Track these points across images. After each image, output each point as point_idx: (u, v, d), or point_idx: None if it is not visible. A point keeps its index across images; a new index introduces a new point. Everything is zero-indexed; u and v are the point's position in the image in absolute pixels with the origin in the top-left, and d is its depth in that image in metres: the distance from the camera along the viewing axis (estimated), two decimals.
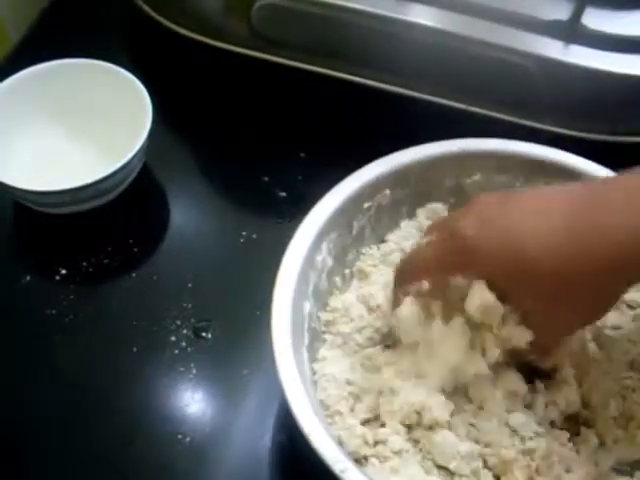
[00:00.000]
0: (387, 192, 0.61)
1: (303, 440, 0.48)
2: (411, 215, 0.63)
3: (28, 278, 0.68)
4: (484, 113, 0.71)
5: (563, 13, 0.67)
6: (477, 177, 0.62)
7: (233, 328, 0.65)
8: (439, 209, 0.63)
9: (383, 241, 0.63)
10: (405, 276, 0.54)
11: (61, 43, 0.82)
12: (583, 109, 0.69)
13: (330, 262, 0.59)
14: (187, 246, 0.70)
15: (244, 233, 0.69)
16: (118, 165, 0.66)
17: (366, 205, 0.60)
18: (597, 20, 0.67)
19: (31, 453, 0.60)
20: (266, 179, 0.73)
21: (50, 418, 0.61)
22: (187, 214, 0.73)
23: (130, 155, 0.66)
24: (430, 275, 0.52)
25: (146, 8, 0.77)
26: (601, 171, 0.60)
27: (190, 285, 0.67)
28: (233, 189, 0.73)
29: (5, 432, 0.61)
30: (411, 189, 0.62)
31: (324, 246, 0.58)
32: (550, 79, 0.68)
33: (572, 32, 0.67)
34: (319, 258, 0.57)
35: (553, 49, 0.67)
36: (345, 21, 0.69)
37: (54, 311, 0.66)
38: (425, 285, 0.52)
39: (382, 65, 0.71)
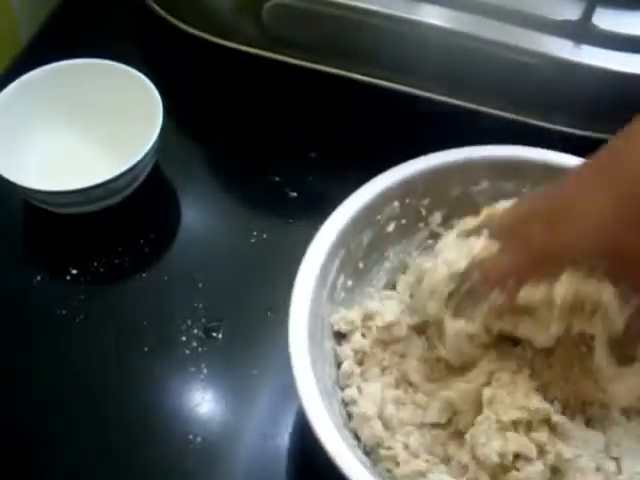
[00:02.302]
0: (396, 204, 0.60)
1: (317, 444, 0.48)
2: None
3: (39, 278, 0.68)
4: (495, 113, 0.71)
5: (574, 13, 0.67)
6: (485, 185, 0.62)
7: (244, 328, 0.65)
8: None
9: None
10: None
11: (71, 43, 0.83)
12: (594, 109, 0.69)
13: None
14: (198, 246, 0.70)
15: (255, 233, 0.69)
16: (129, 165, 0.66)
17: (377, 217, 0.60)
18: (608, 20, 0.67)
19: (41, 453, 0.60)
20: (277, 179, 0.73)
21: (60, 417, 0.61)
22: (198, 214, 0.73)
23: (141, 155, 0.66)
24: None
25: (157, 8, 0.77)
26: None
27: (201, 285, 0.67)
28: (244, 189, 0.73)
29: (16, 432, 0.61)
30: (418, 200, 0.61)
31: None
32: (561, 79, 0.68)
33: (583, 32, 0.67)
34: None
35: (564, 49, 0.67)
36: (356, 21, 0.69)
37: (64, 311, 0.66)
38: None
39: (392, 65, 0.71)
